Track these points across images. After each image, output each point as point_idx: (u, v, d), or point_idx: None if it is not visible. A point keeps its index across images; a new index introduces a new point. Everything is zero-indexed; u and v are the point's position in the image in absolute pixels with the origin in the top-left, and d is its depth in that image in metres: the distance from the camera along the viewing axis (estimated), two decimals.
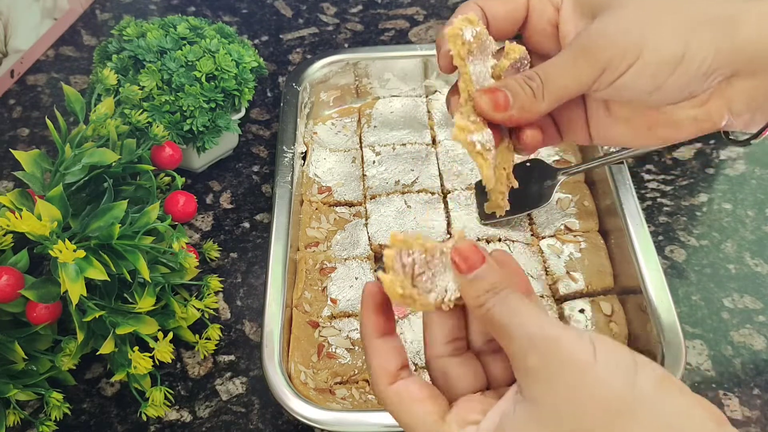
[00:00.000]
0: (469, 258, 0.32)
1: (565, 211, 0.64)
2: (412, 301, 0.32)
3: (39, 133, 0.75)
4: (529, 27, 0.40)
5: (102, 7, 0.90)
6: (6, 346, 0.48)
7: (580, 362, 0.29)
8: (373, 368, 0.34)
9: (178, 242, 0.51)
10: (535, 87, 0.36)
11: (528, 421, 0.29)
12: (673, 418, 0.28)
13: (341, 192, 0.67)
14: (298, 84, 0.70)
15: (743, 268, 0.62)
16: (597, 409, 0.28)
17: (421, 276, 0.33)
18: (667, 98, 0.36)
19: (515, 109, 0.36)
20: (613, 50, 0.34)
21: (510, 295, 0.31)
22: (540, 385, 0.29)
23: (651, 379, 0.29)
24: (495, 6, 0.39)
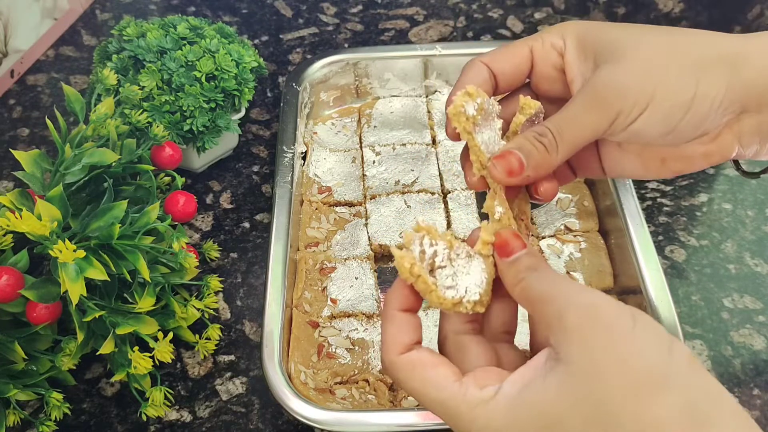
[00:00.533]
0: (510, 244, 0.34)
1: (565, 211, 0.64)
2: (424, 286, 0.32)
3: (39, 133, 0.75)
4: (535, 75, 0.40)
5: (102, 7, 0.90)
6: (6, 346, 0.48)
7: (618, 328, 0.29)
8: (387, 336, 0.34)
9: (178, 242, 0.51)
10: (547, 143, 0.36)
11: (560, 382, 0.29)
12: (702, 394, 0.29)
13: (341, 192, 0.67)
14: (298, 84, 0.70)
15: (743, 268, 0.62)
16: (630, 376, 0.28)
17: (442, 270, 0.33)
18: (681, 139, 0.36)
19: (530, 170, 0.36)
20: (624, 99, 0.35)
21: (550, 271, 0.32)
22: (577, 346, 0.29)
23: (685, 357, 0.29)
24: (501, 63, 0.39)
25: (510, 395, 0.31)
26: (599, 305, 0.30)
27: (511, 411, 0.30)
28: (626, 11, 0.86)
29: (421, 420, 0.47)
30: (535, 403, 0.30)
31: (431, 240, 0.33)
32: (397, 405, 0.52)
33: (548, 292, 0.31)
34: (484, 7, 0.89)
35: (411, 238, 0.33)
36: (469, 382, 0.32)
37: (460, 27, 0.86)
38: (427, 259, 0.33)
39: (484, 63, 0.39)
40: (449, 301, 0.33)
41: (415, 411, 0.48)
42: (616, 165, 0.40)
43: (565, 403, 0.29)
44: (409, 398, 0.52)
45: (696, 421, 0.28)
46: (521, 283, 0.33)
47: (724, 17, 0.83)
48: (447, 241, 0.34)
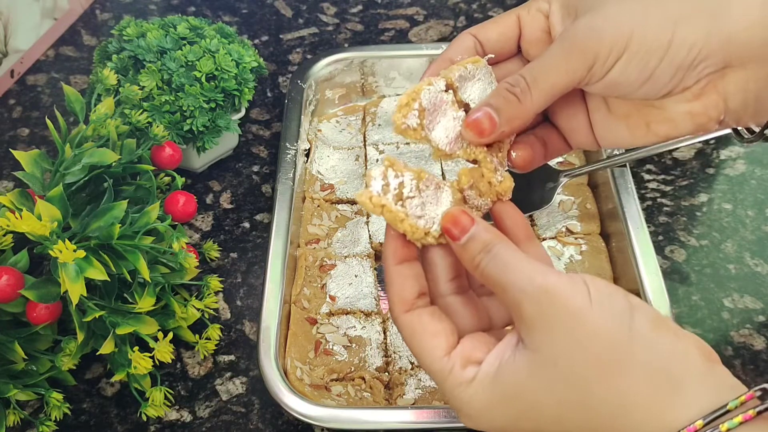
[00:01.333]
0: (459, 222, 0.34)
1: (566, 213, 0.64)
2: (391, 215, 0.33)
3: (39, 133, 0.75)
4: (524, 40, 0.40)
5: (102, 7, 0.90)
6: (6, 346, 0.48)
7: (575, 308, 0.30)
8: (390, 294, 0.35)
9: (178, 242, 0.51)
10: (519, 92, 0.35)
11: (528, 367, 0.30)
12: (669, 361, 0.29)
13: (343, 190, 0.67)
14: (303, 81, 0.70)
15: (743, 268, 0.62)
16: (593, 355, 0.29)
17: (411, 200, 0.34)
18: (659, 88, 0.35)
19: (504, 124, 0.36)
20: (600, 43, 0.34)
21: (501, 251, 0.32)
22: (537, 334, 0.30)
23: (646, 323, 0.30)
24: (487, 31, 0.40)
25: (488, 375, 0.32)
26: (551, 289, 0.30)
27: (489, 393, 0.31)
28: None
29: (415, 418, 0.47)
30: (509, 387, 0.31)
31: (396, 172, 0.34)
32: (392, 403, 0.52)
33: (502, 282, 0.32)
34: (484, 7, 0.89)
35: (371, 175, 0.33)
36: (455, 360, 0.33)
37: (460, 27, 0.86)
38: (392, 190, 0.33)
39: (471, 33, 0.40)
40: (421, 229, 0.34)
41: (410, 409, 0.48)
42: (605, 131, 0.39)
43: (537, 387, 0.30)
44: (404, 397, 0.52)
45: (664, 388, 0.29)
46: (478, 267, 0.33)
47: None
48: (414, 172, 0.34)
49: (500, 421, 0.32)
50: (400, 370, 0.54)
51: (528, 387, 0.31)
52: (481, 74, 0.38)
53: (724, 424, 0.27)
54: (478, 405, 0.32)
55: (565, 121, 0.40)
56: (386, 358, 0.55)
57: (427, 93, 0.35)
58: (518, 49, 0.41)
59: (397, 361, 0.54)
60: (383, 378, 0.54)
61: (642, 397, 0.29)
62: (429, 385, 0.53)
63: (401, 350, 0.55)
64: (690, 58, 0.34)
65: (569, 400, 0.30)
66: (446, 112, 0.36)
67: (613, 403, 0.29)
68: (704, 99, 0.36)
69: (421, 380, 0.53)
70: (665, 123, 0.37)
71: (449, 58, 0.39)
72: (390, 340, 0.56)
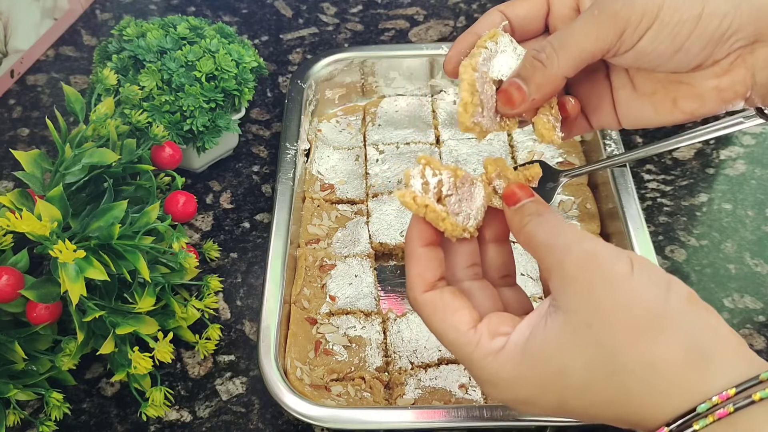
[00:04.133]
0: (517, 194, 0.35)
1: (566, 213, 0.64)
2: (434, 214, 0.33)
3: (39, 133, 0.75)
4: (552, 17, 0.40)
5: (102, 7, 0.90)
6: (6, 346, 0.48)
7: (616, 274, 0.30)
8: (411, 274, 0.35)
9: (178, 242, 0.51)
10: (545, 58, 0.35)
11: (560, 330, 0.30)
12: (703, 332, 0.29)
13: (343, 189, 0.67)
14: (303, 81, 0.70)
15: (743, 268, 0.62)
16: (629, 320, 0.29)
17: (450, 198, 0.34)
18: (688, 60, 0.35)
19: (534, 92, 0.36)
20: (631, 11, 0.34)
21: (552, 217, 0.33)
22: (576, 295, 0.30)
23: (683, 296, 0.30)
24: (515, 8, 0.40)
25: (517, 345, 0.31)
26: (598, 252, 0.31)
27: (518, 362, 0.31)
28: None
29: (415, 418, 0.47)
30: (539, 352, 0.31)
31: (433, 170, 0.34)
32: (392, 403, 0.52)
33: (550, 239, 0.32)
34: (484, 7, 0.89)
35: (410, 174, 0.33)
36: (483, 330, 0.33)
37: (460, 27, 0.86)
38: (432, 189, 0.34)
39: (500, 10, 0.40)
40: (460, 227, 0.34)
41: (410, 409, 0.48)
42: (629, 110, 0.39)
43: (568, 350, 0.30)
44: (404, 397, 0.52)
45: (696, 358, 0.29)
46: (525, 227, 0.33)
47: None
48: (451, 170, 0.34)
49: (525, 390, 0.32)
50: (400, 370, 0.54)
51: (557, 352, 0.30)
52: (502, 45, 0.38)
53: (757, 393, 0.27)
54: (506, 374, 0.32)
55: (589, 100, 0.40)
56: (386, 358, 0.55)
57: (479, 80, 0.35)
58: (545, 28, 0.41)
59: (397, 361, 0.54)
60: (383, 378, 0.54)
61: (674, 364, 0.29)
62: (429, 385, 0.53)
63: (401, 350, 0.55)
64: (721, 31, 0.34)
65: (599, 365, 0.30)
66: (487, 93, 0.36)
67: (645, 366, 0.29)
68: (733, 74, 0.36)
69: (420, 380, 0.53)
70: (692, 99, 0.37)
71: (476, 32, 0.39)
72: (390, 340, 0.56)
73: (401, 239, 0.62)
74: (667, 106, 0.38)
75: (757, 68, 0.35)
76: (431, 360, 0.54)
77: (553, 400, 0.31)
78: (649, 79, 0.38)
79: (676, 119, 0.38)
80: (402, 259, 0.63)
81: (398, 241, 0.62)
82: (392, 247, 0.62)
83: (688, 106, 0.37)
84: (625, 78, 0.39)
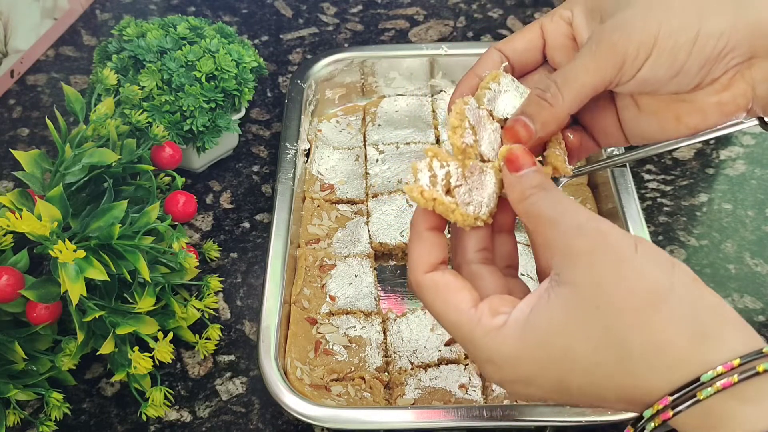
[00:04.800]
0: (519, 159, 0.34)
1: None
2: (443, 207, 0.33)
3: (39, 133, 0.75)
4: (549, 48, 0.41)
5: (102, 7, 0.90)
6: (6, 346, 0.48)
7: (622, 252, 0.30)
8: (414, 255, 0.35)
9: (178, 242, 0.51)
10: (550, 97, 0.36)
11: (563, 305, 0.30)
12: (707, 309, 0.30)
13: (343, 189, 0.67)
14: (303, 81, 0.70)
15: (743, 268, 0.62)
16: (635, 296, 0.29)
17: (459, 188, 0.34)
18: (688, 81, 0.36)
19: (540, 130, 0.37)
20: (628, 43, 0.35)
21: (558, 192, 0.33)
22: (581, 269, 0.30)
23: (687, 276, 0.30)
24: (513, 44, 0.41)
25: (519, 321, 0.31)
26: (605, 231, 0.31)
27: (520, 338, 0.31)
28: None
29: (416, 418, 0.47)
30: (542, 328, 0.31)
31: (441, 162, 0.34)
32: (392, 403, 0.52)
33: (555, 214, 0.32)
34: (484, 7, 0.89)
35: (417, 167, 0.33)
36: (484, 309, 0.33)
37: (460, 27, 0.86)
38: (440, 181, 0.34)
39: (497, 48, 0.41)
40: (471, 216, 0.34)
41: (410, 409, 0.48)
42: (635, 128, 0.40)
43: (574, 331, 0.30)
44: (404, 397, 0.52)
45: (702, 335, 0.29)
46: (528, 199, 0.33)
47: None
48: (458, 160, 0.34)
49: (526, 368, 0.32)
50: (400, 370, 0.54)
51: (563, 329, 0.30)
52: (505, 86, 0.38)
53: (761, 365, 0.28)
54: (507, 351, 0.32)
55: (595, 122, 0.41)
56: (386, 358, 0.55)
57: (469, 111, 0.36)
58: (543, 59, 0.41)
59: (397, 361, 0.54)
60: (383, 378, 0.54)
61: (680, 339, 0.29)
62: (429, 385, 0.53)
63: (401, 350, 0.55)
64: (717, 50, 0.35)
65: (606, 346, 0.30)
66: (486, 126, 0.37)
67: (653, 346, 0.29)
68: (733, 89, 0.36)
69: (420, 380, 0.53)
70: (695, 115, 0.38)
71: (477, 73, 0.40)
72: (390, 340, 0.56)
73: (401, 239, 0.62)
74: (672, 123, 0.39)
75: (756, 82, 0.36)
76: (431, 360, 0.54)
77: (554, 379, 0.31)
78: (653, 100, 0.39)
79: (682, 134, 0.39)
80: (402, 259, 0.63)
81: (398, 241, 0.62)
82: (392, 247, 0.62)
83: (692, 122, 0.38)
84: (629, 100, 0.40)
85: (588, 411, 0.47)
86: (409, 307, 0.59)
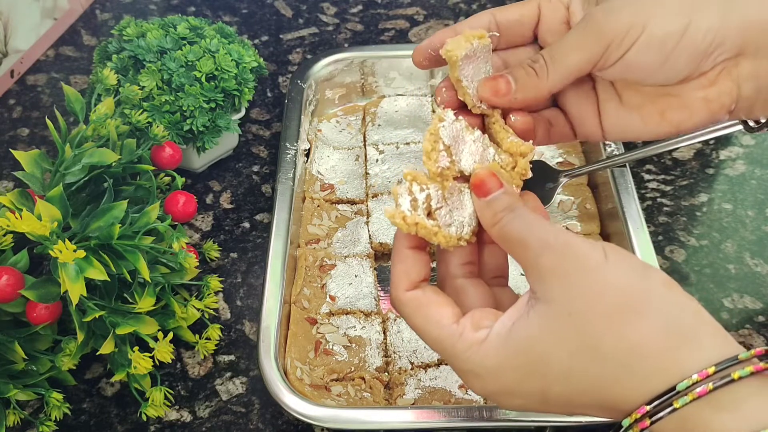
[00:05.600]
0: (486, 183, 0.34)
1: (566, 213, 0.64)
2: (426, 231, 0.33)
3: (39, 133, 0.75)
4: (542, 29, 0.40)
5: (102, 7, 0.90)
6: (6, 346, 0.48)
7: (592, 263, 0.30)
8: (396, 273, 0.35)
9: (178, 242, 0.51)
10: (538, 67, 0.36)
11: (541, 319, 0.31)
12: (682, 314, 0.30)
13: (343, 189, 0.67)
14: (303, 81, 0.70)
15: (743, 268, 0.62)
16: (608, 305, 0.30)
17: (440, 210, 0.34)
18: (675, 73, 0.36)
19: (518, 91, 0.37)
20: (618, 25, 0.35)
21: (525, 212, 0.33)
22: (553, 285, 0.31)
23: (660, 281, 0.30)
24: (506, 13, 0.40)
25: (500, 335, 0.32)
26: (572, 244, 0.31)
27: (502, 350, 0.32)
28: None
29: (416, 418, 0.47)
30: (521, 341, 0.31)
31: (420, 185, 0.34)
32: (392, 403, 0.52)
33: (524, 236, 0.32)
34: (484, 7, 0.89)
35: (397, 192, 0.33)
36: (466, 323, 0.33)
37: None
38: (421, 205, 0.34)
39: (491, 12, 0.40)
40: (454, 237, 0.34)
41: (410, 409, 0.48)
42: (615, 121, 0.40)
43: (549, 338, 0.30)
44: (404, 397, 0.52)
45: (676, 339, 0.29)
46: (499, 223, 0.33)
47: None
48: (437, 183, 0.34)
49: (508, 379, 0.32)
50: (400, 370, 0.54)
51: (540, 339, 0.31)
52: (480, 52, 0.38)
53: (736, 372, 0.28)
54: (489, 364, 0.32)
55: (575, 108, 0.41)
56: (386, 358, 0.55)
57: (444, 130, 0.35)
58: (533, 38, 0.41)
59: (397, 361, 0.54)
60: (383, 378, 0.54)
61: (655, 345, 0.29)
62: (429, 385, 0.53)
63: (401, 350, 0.55)
64: (706, 43, 0.35)
65: (580, 350, 0.30)
66: (465, 139, 0.37)
67: (625, 350, 0.29)
68: (719, 85, 0.36)
69: (420, 380, 0.53)
70: (680, 110, 0.38)
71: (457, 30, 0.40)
72: (390, 340, 0.56)
73: None
74: (655, 119, 0.38)
75: (741, 80, 0.36)
76: (431, 360, 0.54)
77: (536, 388, 0.32)
78: (637, 93, 0.38)
79: (664, 132, 0.39)
80: None
81: None
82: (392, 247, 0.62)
83: (676, 118, 0.38)
84: (612, 91, 0.39)
85: None
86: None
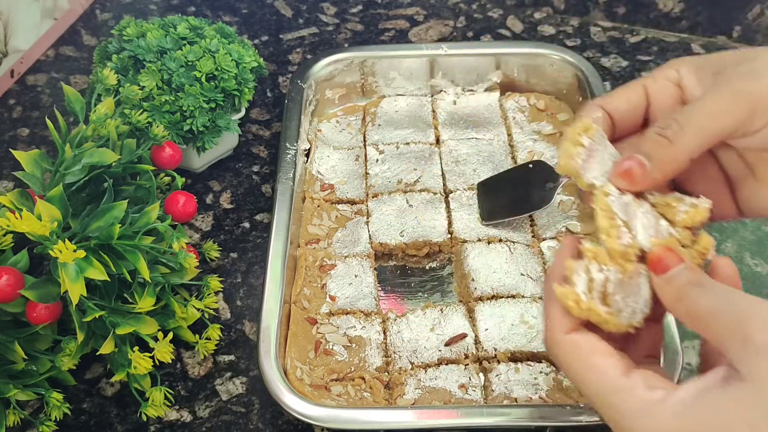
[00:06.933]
0: (663, 259, 0.32)
1: (566, 213, 0.64)
2: (598, 318, 0.31)
3: (39, 133, 0.75)
4: (653, 110, 0.38)
5: (102, 7, 0.90)
6: (6, 346, 0.48)
7: None
8: (552, 313, 0.33)
9: (178, 242, 0.51)
10: (671, 134, 0.34)
11: (739, 399, 0.28)
12: None
13: (343, 190, 0.67)
14: (303, 81, 0.70)
15: (743, 268, 0.62)
16: None
17: (615, 296, 0.31)
18: None
19: (655, 170, 0.34)
20: (763, 89, 0.32)
21: (716, 284, 0.30)
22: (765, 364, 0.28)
23: None
24: (615, 101, 0.38)
25: (683, 402, 0.29)
26: None
27: (683, 418, 0.29)
28: (626, 11, 0.86)
29: (416, 418, 0.47)
30: (709, 415, 0.28)
31: (600, 265, 0.31)
32: (392, 403, 0.52)
33: (720, 307, 0.29)
34: (484, 7, 0.89)
35: (573, 268, 0.31)
36: (638, 379, 0.31)
37: (460, 27, 0.86)
38: (597, 288, 0.31)
39: (598, 104, 0.38)
40: (624, 325, 0.32)
41: (410, 409, 0.48)
42: (752, 197, 0.37)
43: (741, 423, 0.27)
44: (404, 397, 0.52)
45: None
46: (684, 299, 0.31)
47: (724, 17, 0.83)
48: (618, 264, 0.31)
49: None
50: (400, 370, 0.54)
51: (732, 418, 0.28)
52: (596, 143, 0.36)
53: None
54: (665, 428, 0.29)
55: (704, 191, 0.38)
56: (386, 358, 0.55)
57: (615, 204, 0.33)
58: (643, 122, 0.39)
59: (397, 361, 0.54)
60: (383, 378, 0.54)
61: None
62: (429, 385, 0.53)
63: (401, 350, 0.55)
64: None
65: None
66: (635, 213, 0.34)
67: None
68: None
69: (421, 380, 0.53)
70: None
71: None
72: (390, 340, 0.56)
73: (401, 239, 0.62)
74: None
75: None
76: (431, 360, 0.54)
77: None
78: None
79: None
80: (402, 258, 0.63)
81: (398, 242, 0.62)
82: (392, 247, 0.62)
83: None
84: (743, 166, 0.37)
85: (588, 410, 0.47)
86: (409, 307, 0.59)
